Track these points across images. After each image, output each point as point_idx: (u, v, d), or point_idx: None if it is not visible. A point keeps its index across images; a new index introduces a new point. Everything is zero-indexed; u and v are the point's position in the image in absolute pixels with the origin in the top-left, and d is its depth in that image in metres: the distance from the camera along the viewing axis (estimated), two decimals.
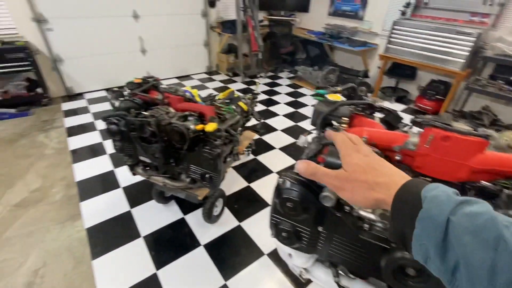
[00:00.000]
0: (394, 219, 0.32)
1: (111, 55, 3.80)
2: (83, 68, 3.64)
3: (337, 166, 0.40)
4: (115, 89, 1.52)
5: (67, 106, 3.39)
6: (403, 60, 3.48)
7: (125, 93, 1.55)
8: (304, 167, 0.42)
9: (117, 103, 1.39)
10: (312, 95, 0.97)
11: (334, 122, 0.76)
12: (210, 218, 1.68)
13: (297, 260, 0.80)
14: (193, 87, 4.27)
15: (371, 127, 0.75)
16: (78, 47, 3.51)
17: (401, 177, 0.35)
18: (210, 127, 1.20)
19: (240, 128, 1.78)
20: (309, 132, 1.03)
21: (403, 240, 0.31)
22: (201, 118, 1.38)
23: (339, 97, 0.86)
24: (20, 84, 3.27)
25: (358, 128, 0.74)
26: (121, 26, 3.71)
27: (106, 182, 2.11)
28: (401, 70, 3.78)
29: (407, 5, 3.52)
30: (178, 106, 1.38)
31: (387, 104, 3.79)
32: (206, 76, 4.75)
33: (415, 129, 0.75)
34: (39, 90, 3.30)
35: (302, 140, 0.88)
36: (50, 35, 3.28)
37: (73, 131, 2.83)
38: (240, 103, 2.02)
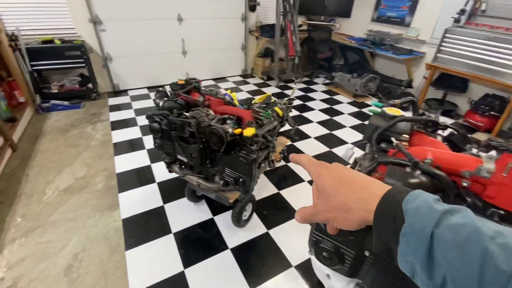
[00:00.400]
0: (377, 233, 0.31)
1: (155, 56, 4.02)
2: (129, 66, 3.89)
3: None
4: (160, 89, 1.59)
5: (112, 101, 3.64)
6: (454, 70, 3.20)
7: (168, 92, 1.61)
8: (298, 218, 0.40)
9: (161, 103, 1.45)
10: (368, 108, 0.90)
11: (393, 139, 0.69)
12: (239, 222, 1.67)
13: (336, 282, 0.75)
14: (227, 89, 4.36)
15: (434, 147, 0.67)
16: (127, 47, 3.76)
17: (377, 187, 0.32)
18: (248, 132, 1.19)
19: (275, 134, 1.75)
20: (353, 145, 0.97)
21: (388, 253, 0.30)
22: (239, 122, 1.38)
23: (398, 112, 0.78)
24: (75, 79, 3.59)
25: (419, 147, 0.66)
26: (166, 28, 3.91)
27: (142, 176, 2.21)
28: (450, 81, 3.49)
29: (462, 12, 3.25)
30: (217, 109, 1.39)
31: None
32: (241, 78, 4.81)
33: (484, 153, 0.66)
34: (89, 85, 3.59)
35: (347, 153, 0.82)
36: (103, 35, 3.56)
37: (116, 125, 3.03)
38: (276, 108, 2.00)
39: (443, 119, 3.37)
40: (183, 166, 1.62)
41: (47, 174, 2.21)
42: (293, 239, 1.69)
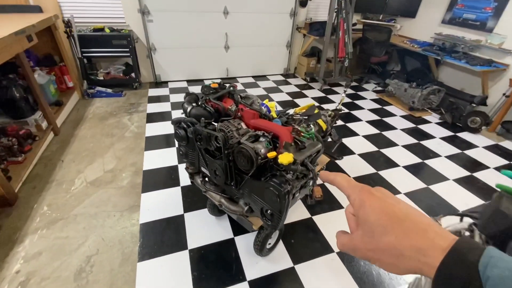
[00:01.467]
0: None
1: (197, 49, 3.94)
2: (171, 58, 3.88)
3: None
4: (190, 92, 1.42)
5: (152, 92, 3.66)
6: None
7: (200, 95, 1.44)
8: (339, 246, 0.33)
9: (189, 108, 1.28)
10: (496, 184, 0.60)
11: None
12: (261, 251, 1.45)
13: None
14: (266, 89, 4.12)
15: None
16: (171, 38, 3.73)
17: (438, 235, 0.26)
18: (285, 159, 0.95)
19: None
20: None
21: None
22: (275, 140, 1.15)
23: None
24: (120, 68, 3.67)
25: None
26: (211, 21, 3.80)
27: (168, 177, 2.11)
28: None
29: None
30: (251, 122, 1.18)
31: (506, 144, 2.88)
32: (282, 78, 4.54)
33: None
34: (132, 75, 3.65)
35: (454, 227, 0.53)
36: (149, 26, 3.56)
37: (152, 117, 3.00)
38: (320, 121, 1.73)
39: None
40: (206, 179, 1.44)
41: (80, 162, 2.23)
42: (323, 283, 1.42)
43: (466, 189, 2.17)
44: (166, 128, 2.81)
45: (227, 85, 1.41)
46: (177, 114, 3.10)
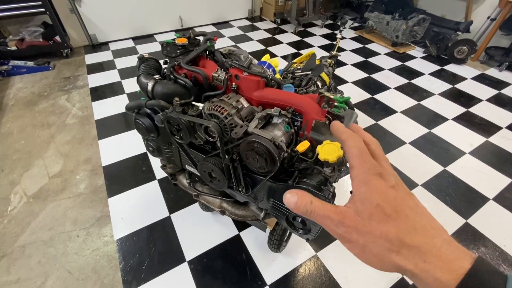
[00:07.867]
0: None
1: None
2: (106, 11, 2.99)
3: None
4: (145, 55, 0.92)
5: (90, 59, 2.87)
6: None
7: (161, 59, 0.95)
8: (294, 201, 0.28)
9: (150, 84, 0.82)
10: None
11: None
12: (279, 248, 1.19)
13: None
14: (233, 39, 3.50)
15: None
16: None
17: (446, 244, 0.23)
18: (332, 153, 0.59)
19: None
20: None
21: None
22: (294, 117, 0.78)
23: None
24: (36, 30, 2.76)
25: None
26: None
27: (138, 170, 1.67)
28: None
29: None
30: (255, 95, 0.77)
31: (491, 72, 2.80)
32: (248, 23, 3.88)
33: None
34: (58, 38, 2.78)
35: None
36: None
37: (98, 93, 2.36)
38: (323, 75, 1.38)
39: (507, 75, 2.64)
40: (197, 179, 1.06)
41: (12, 170, 1.67)
42: (351, 263, 1.24)
43: (467, 128, 2.06)
44: (120, 104, 2.23)
45: (201, 37, 0.93)
46: (130, 83, 2.48)
